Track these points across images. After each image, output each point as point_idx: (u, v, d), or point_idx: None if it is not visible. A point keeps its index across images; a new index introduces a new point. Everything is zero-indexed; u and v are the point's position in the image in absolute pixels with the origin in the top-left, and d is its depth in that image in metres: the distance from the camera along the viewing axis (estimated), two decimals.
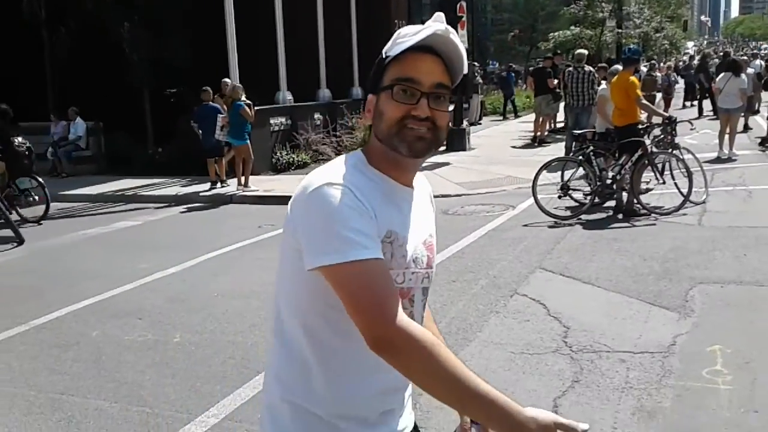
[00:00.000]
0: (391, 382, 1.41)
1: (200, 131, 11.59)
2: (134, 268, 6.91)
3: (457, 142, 14.49)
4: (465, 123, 15.21)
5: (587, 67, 12.85)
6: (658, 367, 3.97)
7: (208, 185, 11.67)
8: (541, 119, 15.65)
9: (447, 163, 12.83)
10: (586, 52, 14.19)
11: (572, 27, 23.16)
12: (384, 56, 1.42)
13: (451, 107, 1.47)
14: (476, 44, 25.79)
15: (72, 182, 13.04)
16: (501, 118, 21.27)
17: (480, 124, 19.37)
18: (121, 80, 13.63)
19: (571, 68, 13.08)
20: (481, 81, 19.68)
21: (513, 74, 18.07)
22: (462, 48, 1.42)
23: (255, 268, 6.67)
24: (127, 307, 5.69)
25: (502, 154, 13.91)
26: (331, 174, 1.33)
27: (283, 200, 11.46)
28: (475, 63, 20.86)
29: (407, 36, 1.39)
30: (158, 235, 8.91)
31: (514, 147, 15.08)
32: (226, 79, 12.23)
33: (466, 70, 1.45)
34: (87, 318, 5.51)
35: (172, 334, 5.00)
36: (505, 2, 28.47)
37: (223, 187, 11.63)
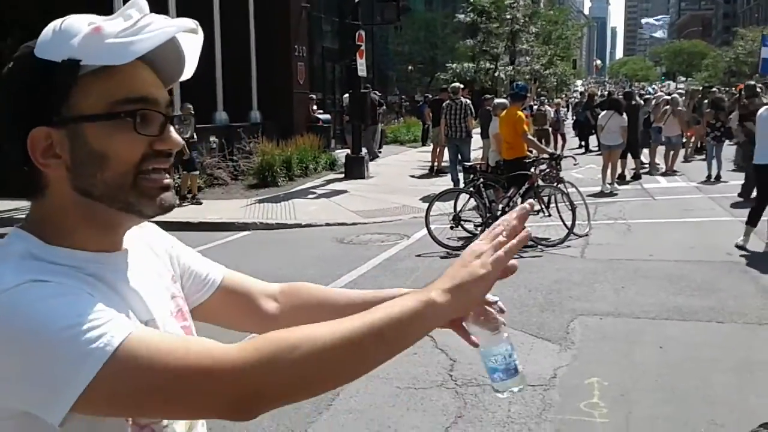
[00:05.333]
0: None
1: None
2: None
3: (355, 169, 14.55)
4: (364, 151, 15.31)
5: (463, 99, 13.24)
6: (538, 400, 4.03)
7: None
8: (438, 150, 15.98)
9: (344, 191, 12.82)
10: (460, 85, 14.63)
11: (469, 63, 23.94)
12: (67, 62, 0.90)
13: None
14: (377, 74, 26.17)
15: None
16: (421, 144, 21.65)
17: (380, 152, 19.55)
18: None
19: (448, 101, 13.41)
20: (381, 110, 19.92)
21: (427, 104, 18.64)
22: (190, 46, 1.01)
23: None
24: None
25: (400, 183, 14.06)
26: None
27: (168, 226, 11.07)
28: (377, 92, 21.12)
29: (125, 34, 0.90)
30: None
31: (412, 176, 15.29)
32: None
33: (187, 76, 1.03)
34: None
35: None
36: (405, 34, 29.04)
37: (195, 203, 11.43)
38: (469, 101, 13.33)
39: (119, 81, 0.92)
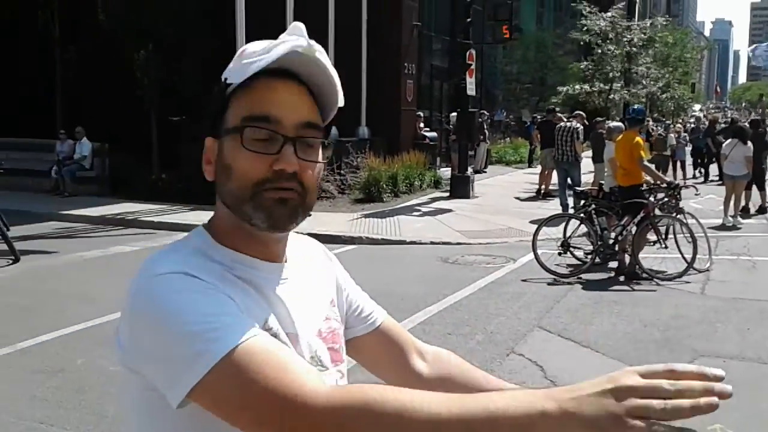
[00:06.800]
0: None
1: None
2: None
3: (460, 189, 14.50)
4: (470, 170, 15.24)
5: (573, 122, 12.98)
6: None
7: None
8: (546, 172, 15.67)
9: (449, 210, 12.79)
10: (582, 113, 14.63)
11: (582, 85, 23.35)
12: (224, 81, 1.02)
13: (324, 157, 1.04)
14: (485, 93, 26.04)
15: (74, 202, 13.00)
16: (527, 165, 21.30)
17: (485, 172, 19.40)
18: (130, 103, 13.69)
19: (562, 123, 13.22)
20: (487, 130, 19.77)
21: (535, 125, 18.37)
22: (333, 71, 1.04)
23: None
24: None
25: (506, 205, 13.88)
26: (159, 264, 0.94)
27: None
28: (484, 111, 21.01)
29: (256, 54, 0.99)
30: None
31: (518, 198, 15.07)
32: None
33: (341, 103, 1.07)
34: (74, 344, 5.39)
35: None
36: (515, 54, 28.77)
37: None
38: (579, 126, 13.05)
39: (251, 99, 0.99)
